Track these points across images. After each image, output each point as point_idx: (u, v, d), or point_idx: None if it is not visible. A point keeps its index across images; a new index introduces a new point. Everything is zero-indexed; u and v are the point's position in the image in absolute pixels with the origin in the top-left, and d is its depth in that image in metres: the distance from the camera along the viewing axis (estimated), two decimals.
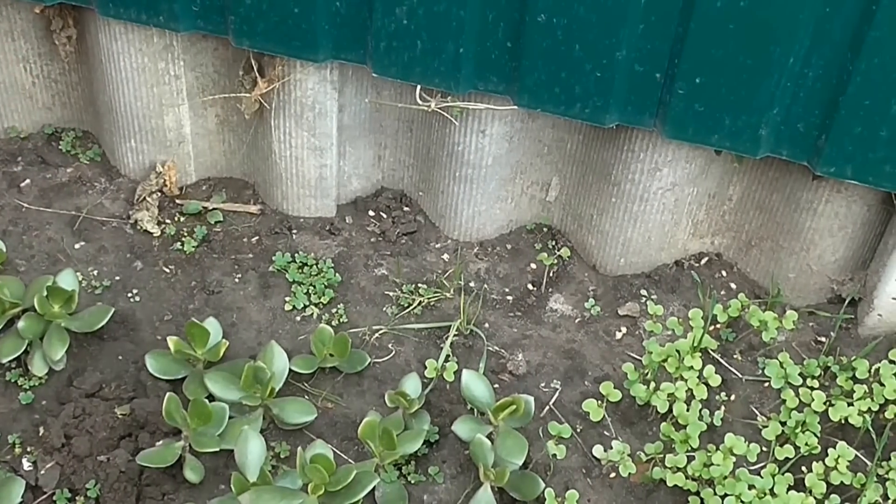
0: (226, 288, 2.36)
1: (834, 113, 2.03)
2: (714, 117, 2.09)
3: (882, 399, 2.17)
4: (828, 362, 2.25)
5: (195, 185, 2.54)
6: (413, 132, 2.42)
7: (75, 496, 2.04)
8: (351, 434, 2.16)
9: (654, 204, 2.31)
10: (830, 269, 2.34)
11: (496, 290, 2.42)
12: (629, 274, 2.45)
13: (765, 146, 2.13)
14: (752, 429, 2.20)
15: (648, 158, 2.23)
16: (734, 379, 2.28)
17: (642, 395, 2.19)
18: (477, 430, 2.10)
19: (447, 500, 2.10)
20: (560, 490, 2.10)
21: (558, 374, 2.28)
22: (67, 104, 2.56)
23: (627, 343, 2.35)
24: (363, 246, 2.46)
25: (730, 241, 2.45)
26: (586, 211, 2.42)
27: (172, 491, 2.07)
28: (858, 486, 2.10)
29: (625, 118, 2.16)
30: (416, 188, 2.52)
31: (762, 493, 2.04)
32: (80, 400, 2.14)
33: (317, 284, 2.37)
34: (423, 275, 2.43)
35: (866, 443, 2.16)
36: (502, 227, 2.50)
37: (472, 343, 2.32)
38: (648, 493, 2.13)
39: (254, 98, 2.30)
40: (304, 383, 2.22)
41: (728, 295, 2.42)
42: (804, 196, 2.25)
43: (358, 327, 2.32)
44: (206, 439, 2.04)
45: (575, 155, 2.38)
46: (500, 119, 2.26)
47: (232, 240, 2.44)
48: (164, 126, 2.42)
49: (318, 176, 2.42)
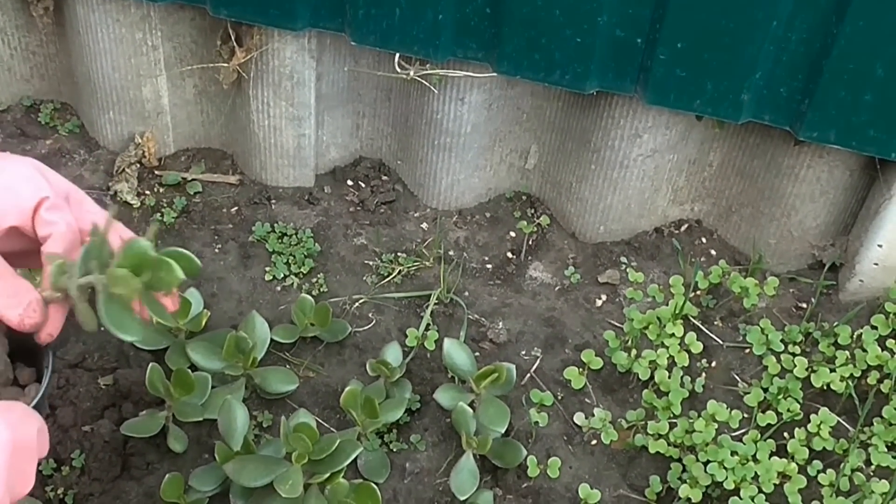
0: (206, 258, 2.34)
1: (818, 77, 2.02)
2: (696, 83, 2.08)
3: (864, 365, 2.17)
4: (809, 328, 2.25)
5: (174, 156, 2.52)
6: (391, 101, 2.41)
7: (61, 466, 2.03)
8: (333, 403, 2.15)
9: (634, 171, 2.30)
10: (812, 234, 2.34)
11: (476, 258, 2.42)
12: (609, 241, 2.44)
13: (747, 111, 2.12)
14: (734, 395, 2.21)
15: (628, 125, 2.23)
16: (715, 346, 2.28)
17: (623, 363, 2.19)
18: (459, 398, 2.10)
19: (429, 468, 2.10)
20: (542, 457, 2.10)
21: (539, 342, 2.28)
22: (45, 76, 2.53)
23: (608, 310, 2.35)
24: (342, 215, 2.45)
25: (710, 207, 2.45)
26: (565, 178, 2.41)
27: (157, 460, 2.06)
28: (841, 451, 2.10)
29: (605, 84, 2.16)
30: (395, 157, 2.50)
31: (744, 459, 2.04)
32: (63, 371, 2.13)
33: (296, 254, 2.36)
34: (403, 244, 2.42)
35: (848, 409, 2.17)
36: (481, 195, 2.50)
37: (453, 312, 2.31)
38: (630, 459, 2.13)
39: (231, 68, 2.28)
40: (285, 353, 2.22)
41: (709, 262, 2.42)
42: (785, 161, 2.25)
43: (338, 297, 2.31)
44: (190, 409, 2.04)
45: (554, 122, 2.37)
46: (479, 87, 2.25)
47: (211, 210, 2.43)
48: (142, 97, 2.40)
49: (297, 145, 2.40)
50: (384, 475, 2.07)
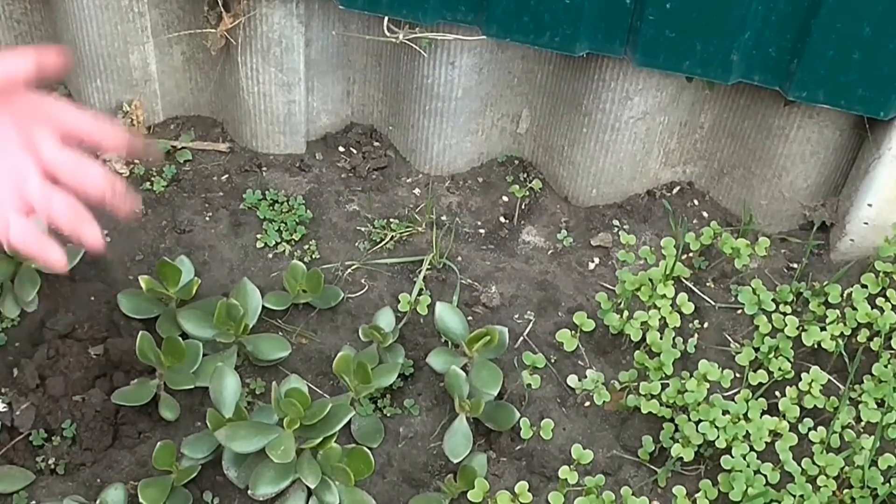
0: (197, 227, 2.34)
1: (806, 37, 2.02)
2: (685, 43, 2.07)
3: (854, 323, 2.18)
4: (800, 288, 2.26)
5: (163, 125, 2.51)
6: (382, 66, 2.40)
7: (51, 436, 2.03)
8: (325, 369, 2.15)
9: (626, 133, 2.30)
10: (802, 195, 2.34)
11: (468, 223, 2.41)
12: (601, 205, 2.44)
13: (736, 72, 2.12)
14: (726, 355, 2.21)
15: (619, 87, 2.22)
16: (707, 307, 2.29)
17: (616, 324, 2.19)
18: (451, 361, 2.10)
19: (423, 432, 2.10)
20: (535, 419, 2.11)
21: (532, 306, 2.28)
22: (31, 45, 2.52)
23: (600, 273, 2.35)
24: (334, 182, 2.44)
25: (701, 169, 2.45)
26: (557, 142, 2.41)
27: (149, 429, 2.07)
28: (831, 409, 2.11)
29: (595, 46, 2.15)
30: (386, 123, 2.50)
31: (736, 417, 2.05)
32: (53, 341, 2.13)
33: (288, 221, 2.35)
34: (395, 210, 2.41)
35: (839, 367, 2.17)
36: (473, 160, 2.49)
37: (445, 277, 2.31)
38: (623, 420, 2.14)
39: (220, 34, 2.27)
40: (277, 320, 2.22)
41: (700, 223, 2.42)
42: (776, 122, 2.25)
43: (330, 263, 2.31)
44: (181, 377, 2.04)
45: (545, 86, 2.37)
46: (469, 50, 2.24)
47: (201, 178, 2.42)
48: (129, 65, 2.39)
49: (287, 112, 2.39)
50: (378, 440, 2.08)
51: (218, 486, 2.00)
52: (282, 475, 1.89)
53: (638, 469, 2.09)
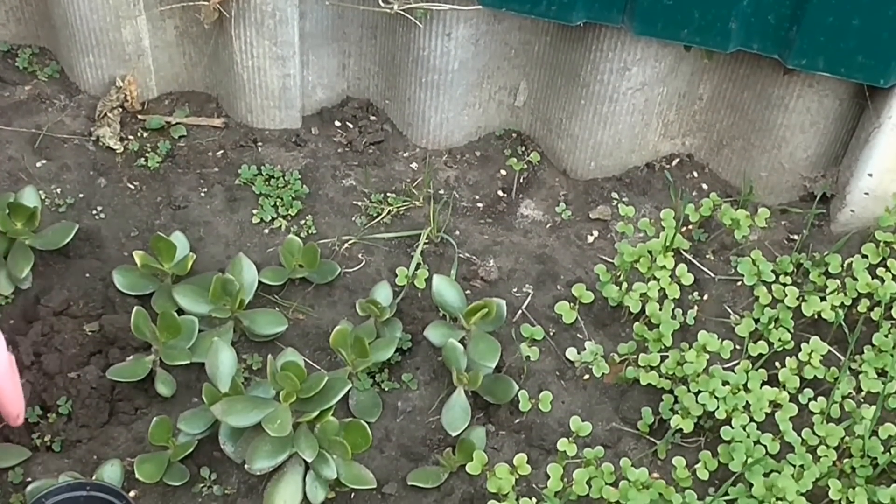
0: (192, 203, 2.32)
1: (805, 3, 2.00)
2: (683, 11, 2.05)
3: (854, 293, 2.16)
4: (800, 259, 2.24)
5: (157, 100, 2.49)
6: (377, 39, 2.38)
7: (47, 413, 2.02)
8: (323, 344, 2.14)
9: (624, 105, 2.28)
10: (802, 166, 2.32)
11: (466, 197, 2.40)
12: (600, 177, 2.42)
13: (735, 40, 2.10)
14: (725, 327, 2.20)
15: (617, 58, 2.20)
16: (707, 278, 2.27)
17: (615, 296, 2.18)
18: (449, 335, 2.09)
19: (421, 406, 2.09)
20: (534, 392, 2.10)
21: (530, 279, 2.26)
22: (22, 20, 2.49)
23: (599, 246, 2.33)
24: (330, 157, 2.42)
25: (701, 141, 2.43)
26: (555, 115, 2.39)
27: (145, 405, 2.06)
28: (831, 379, 2.10)
29: (592, 15, 2.13)
30: (383, 96, 2.48)
31: (736, 388, 2.03)
32: (48, 318, 2.11)
33: (284, 196, 2.34)
34: (392, 184, 2.40)
35: (839, 337, 2.16)
36: (471, 133, 2.47)
37: (443, 251, 2.30)
38: (622, 392, 2.13)
39: (212, 6, 2.25)
40: (274, 295, 2.20)
41: (700, 195, 2.40)
42: (775, 92, 2.23)
43: (327, 238, 2.30)
44: (177, 352, 2.02)
45: (543, 57, 2.35)
46: (465, 21, 2.22)
47: (196, 154, 2.41)
48: (121, 39, 2.36)
49: (282, 86, 2.37)
50: (376, 414, 2.07)
51: (215, 462, 1.98)
52: (279, 449, 1.88)
53: (637, 441, 2.08)
